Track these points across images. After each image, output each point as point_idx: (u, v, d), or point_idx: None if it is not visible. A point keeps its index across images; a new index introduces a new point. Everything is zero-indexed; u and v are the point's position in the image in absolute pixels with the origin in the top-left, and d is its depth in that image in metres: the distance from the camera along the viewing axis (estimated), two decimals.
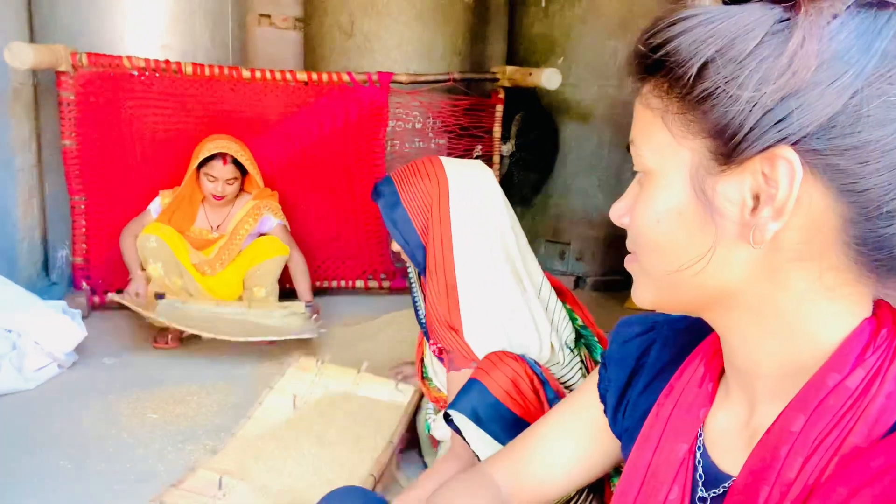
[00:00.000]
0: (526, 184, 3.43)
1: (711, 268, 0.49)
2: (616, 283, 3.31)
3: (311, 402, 1.74)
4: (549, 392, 1.24)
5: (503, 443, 1.12)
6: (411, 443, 1.71)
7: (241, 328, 2.30)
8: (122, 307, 2.40)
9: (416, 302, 1.55)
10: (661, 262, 0.52)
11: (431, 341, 1.43)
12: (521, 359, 1.25)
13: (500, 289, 1.37)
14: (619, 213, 0.57)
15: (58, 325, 2.10)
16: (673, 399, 0.60)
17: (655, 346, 0.68)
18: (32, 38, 2.67)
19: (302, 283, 2.63)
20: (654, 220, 0.51)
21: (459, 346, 1.35)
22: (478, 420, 1.17)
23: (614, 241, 3.34)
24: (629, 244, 0.56)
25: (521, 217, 3.50)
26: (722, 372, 0.59)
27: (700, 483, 0.55)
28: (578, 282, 3.41)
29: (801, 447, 0.47)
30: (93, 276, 2.69)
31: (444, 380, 1.46)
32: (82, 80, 2.54)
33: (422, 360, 1.58)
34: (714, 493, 0.54)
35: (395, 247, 1.46)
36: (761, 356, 0.52)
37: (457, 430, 1.20)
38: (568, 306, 1.49)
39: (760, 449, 0.50)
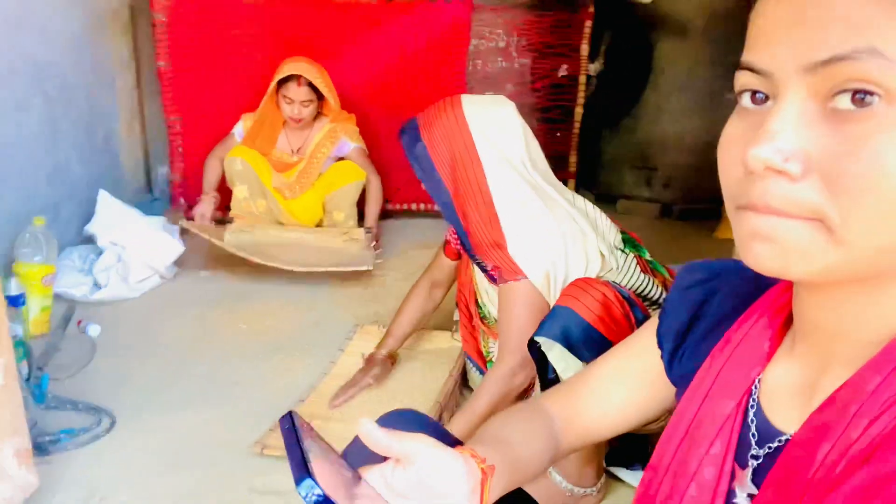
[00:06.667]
0: (613, 106, 3.28)
1: None
2: (705, 211, 3.16)
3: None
4: (638, 313, 1.22)
5: None
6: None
7: (302, 254, 2.39)
8: (216, 223, 2.55)
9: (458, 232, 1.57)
10: None
11: (484, 263, 1.46)
12: (607, 283, 1.23)
13: (533, 203, 1.40)
14: (783, 157, 0.41)
15: (158, 240, 2.26)
16: (727, 353, 0.59)
17: (717, 296, 0.66)
18: None
19: (371, 207, 2.66)
20: None
21: (506, 261, 1.39)
22: (567, 343, 1.16)
23: (704, 169, 3.16)
24: (809, 205, 0.41)
25: (606, 141, 3.39)
26: (783, 327, 0.57)
27: (753, 441, 0.55)
28: (664, 210, 3.28)
29: (871, 408, 0.45)
30: (189, 193, 2.85)
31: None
32: (173, 1, 2.60)
33: (476, 303, 1.60)
34: (768, 448, 0.53)
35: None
36: (861, 320, 0.48)
37: (537, 359, 1.20)
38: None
39: (828, 406, 0.48)
